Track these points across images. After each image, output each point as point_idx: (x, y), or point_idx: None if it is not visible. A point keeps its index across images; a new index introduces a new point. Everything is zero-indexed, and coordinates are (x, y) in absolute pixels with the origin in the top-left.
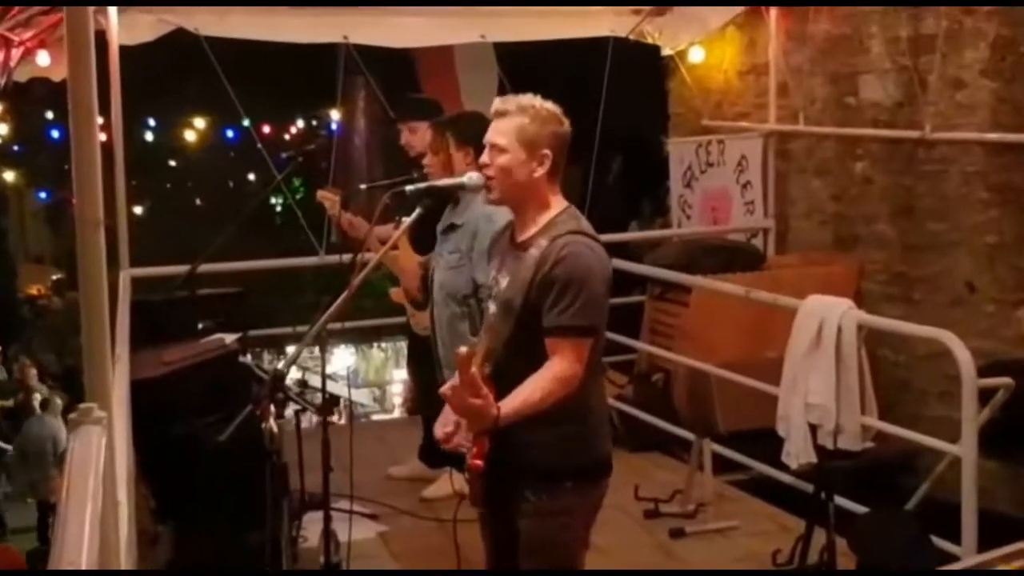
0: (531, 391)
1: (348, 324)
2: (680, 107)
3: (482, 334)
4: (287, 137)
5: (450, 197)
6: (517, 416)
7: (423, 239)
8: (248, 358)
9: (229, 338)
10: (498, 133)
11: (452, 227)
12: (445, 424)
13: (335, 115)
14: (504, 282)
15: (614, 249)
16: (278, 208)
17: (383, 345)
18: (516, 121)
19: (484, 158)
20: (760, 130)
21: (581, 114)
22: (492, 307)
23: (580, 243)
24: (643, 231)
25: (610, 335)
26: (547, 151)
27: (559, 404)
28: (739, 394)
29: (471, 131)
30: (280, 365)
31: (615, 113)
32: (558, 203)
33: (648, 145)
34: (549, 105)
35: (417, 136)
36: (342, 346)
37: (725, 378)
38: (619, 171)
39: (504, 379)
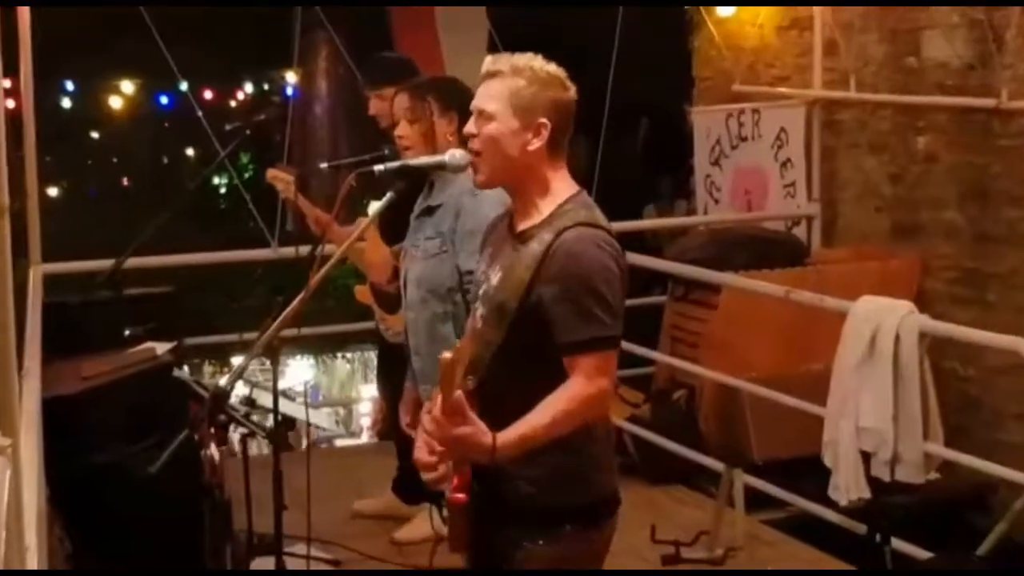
0: (540, 414)
1: (306, 330)
2: (707, 70)
3: (464, 339)
4: (233, 104)
5: (425, 179)
6: (521, 446)
7: (395, 228)
8: (185, 371)
9: (161, 348)
10: (487, 97)
11: (428, 210)
12: (431, 447)
13: (291, 78)
14: (495, 278)
15: (627, 240)
16: (222, 190)
17: (348, 355)
18: (509, 83)
19: (470, 127)
20: (803, 97)
21: (588, 78)
22: (480, 308)
23: (591, 237)
24: (662, 218)
25: (622, 344)
26: (545, 120)
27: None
28: (777, 415)
29: (455, 94)
30: (223, 380)
31: (629, 77)
32: (565, 187)
33: (669, 115)
34: (551, 67)
35: (389, 104)
36: (298, 357)
37: (760, 396)
38: (646, 137)
39: (491, 395)
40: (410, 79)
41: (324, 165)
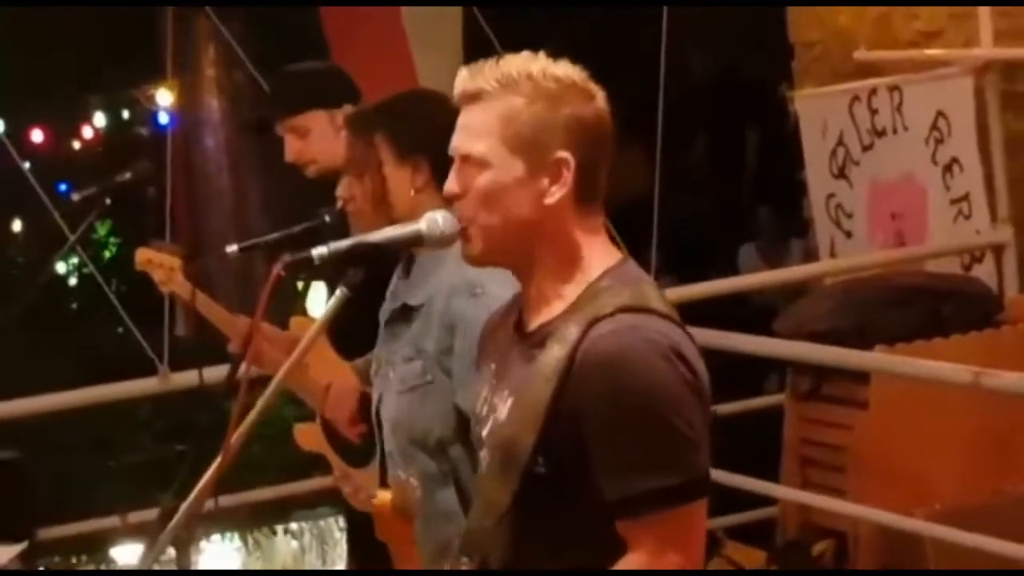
0: None
1: (226, 500)
2: (812, 31)
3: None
4: (77, 146)
5: (397, 257)
6: None
7: (354, 330)
8: None
9: (4, 553)
10: (470, 133)
11: (404, 312)
12: None
13: (164, 98)
14: (504, 408)
15: (712, 311)
16: (72, 281)
17: (294, 527)
18: (499, 107)
19: (451, 184)
20: (967, 61)
21: (633, 51)
22: (485, 456)
23: (640, 328)
24: (767, 263)
25: (718, 475)
26: (564, 154)
27: None
28: (979, 566)
29: (422, 124)
30: None
31: (696, 43)
32: (600, 255)
33: (759, 103)
34: (559, 69)
35: (314, 140)
36: (218, 537)
37: (949, 542)
38: (757, 153)
39: None
40: (342, 99)
41: (232, 248)
